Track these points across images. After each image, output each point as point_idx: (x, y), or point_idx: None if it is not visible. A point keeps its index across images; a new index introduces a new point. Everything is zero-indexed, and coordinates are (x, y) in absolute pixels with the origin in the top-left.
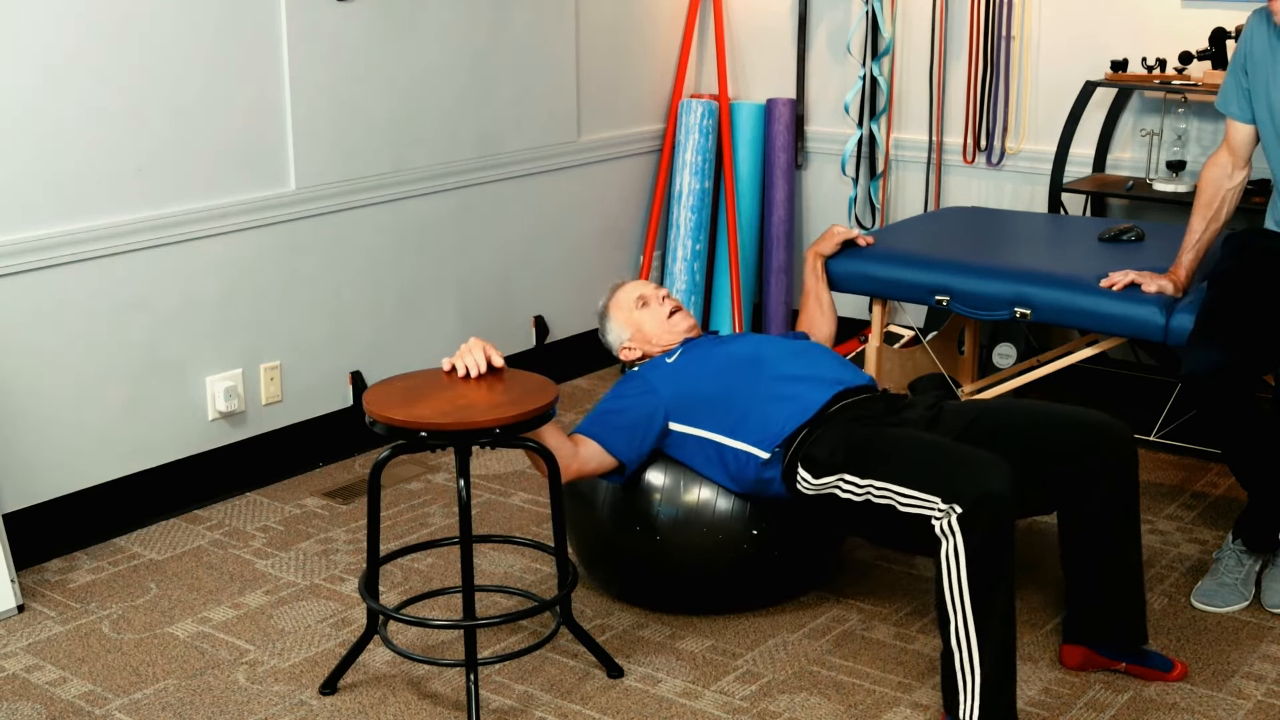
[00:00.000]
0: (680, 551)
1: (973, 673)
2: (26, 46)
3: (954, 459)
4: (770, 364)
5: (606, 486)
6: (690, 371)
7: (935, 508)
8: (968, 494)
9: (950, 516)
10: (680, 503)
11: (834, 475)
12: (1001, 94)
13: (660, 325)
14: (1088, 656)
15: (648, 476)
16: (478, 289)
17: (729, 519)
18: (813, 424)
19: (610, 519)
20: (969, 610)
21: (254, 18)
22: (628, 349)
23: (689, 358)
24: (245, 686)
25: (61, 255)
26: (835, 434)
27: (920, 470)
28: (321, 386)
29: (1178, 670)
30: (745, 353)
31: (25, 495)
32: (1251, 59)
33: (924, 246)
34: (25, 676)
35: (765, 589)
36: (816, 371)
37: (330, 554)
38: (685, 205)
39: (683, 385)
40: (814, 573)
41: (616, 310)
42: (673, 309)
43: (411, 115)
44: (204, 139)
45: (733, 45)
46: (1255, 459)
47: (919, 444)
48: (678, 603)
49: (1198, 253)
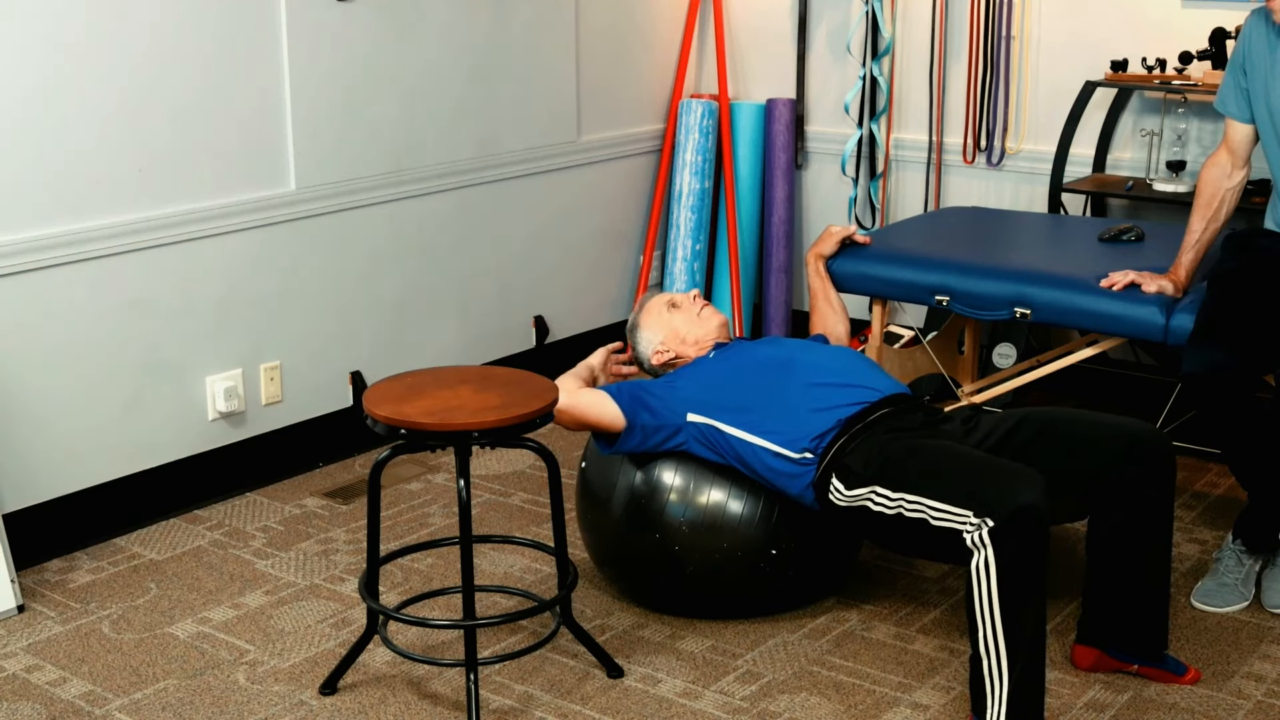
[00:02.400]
0: (696, 562)
1: (1000, 681)
2: (27, 46)
3: (986, 473)
4: (803, 366)
5: (623, 487)
6: (722, 372)
7: (968, 522)
8: (1000, 509)
9: (983, 529)
10: (699, 509)
11: (867, 488)
12: (1001, 94)
13: (692, 322)
14: (1100, 658)
15: (665, 479)
16: (478, 289)
17: (750, 534)
18: (849, 433)
19: (624, 520)
20: (999, 622)
21: (254, 18)
22: (660, 351)
23: (721, 358)
24: (245, 686)
25: (61, 255)
26: (871, 445)
27: (953, 485)
28: (321, 386)
29: (1190, 675)
30: (778, 354)
31: (25, 495)
32: (1250, 59)
33: (924, 246)
34: (25, 676)
35: (777, 602)
36: (850, 377)
37: (330, 554)
38: (685, 205)
39: (713, 385)
40: (827, 587)
41: (647, 316)
42: (703, 306)
43: (411, 115)
44: (204, 139)
45: (733, 45)
46: (1255, 459)
47: (952, 457)
48: (684, 607)
49: (1197, 253)
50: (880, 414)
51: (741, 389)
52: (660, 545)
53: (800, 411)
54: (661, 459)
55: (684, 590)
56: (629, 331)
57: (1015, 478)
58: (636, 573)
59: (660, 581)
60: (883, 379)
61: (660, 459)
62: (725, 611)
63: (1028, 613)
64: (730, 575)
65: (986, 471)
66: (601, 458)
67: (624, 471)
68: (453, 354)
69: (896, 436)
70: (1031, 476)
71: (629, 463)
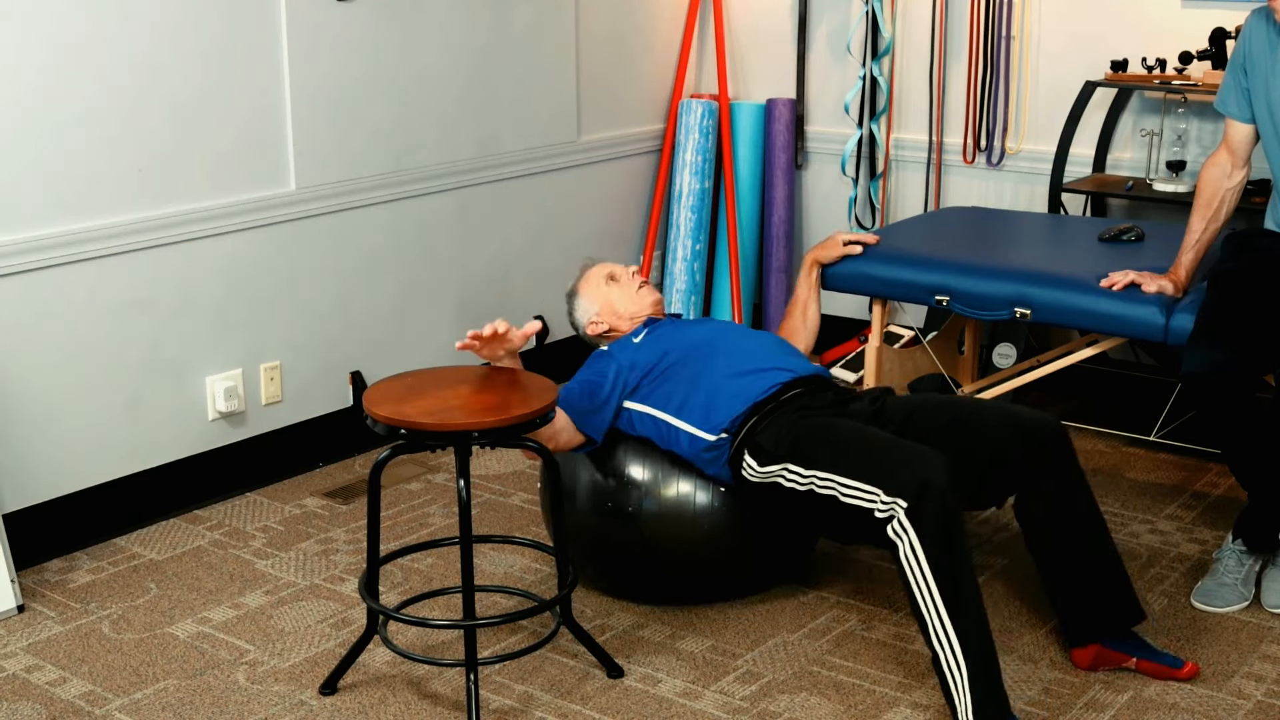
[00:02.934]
0: (663, 541)
1: (961, 672)
2: (27, 46)
3: (892, 452)
4: (725, 351)
5: (588, 480)
6: (650, 351)
7: (877, 500)
8: (909, 486)
9: (897, 514)
10: (661, 496)
11: (779, 464)
12: (1001, 94)
13: (628, 298)
14: (1098, 654)
15: (630, 470)
16: (478, 289)
17: (711, 512)
18: (761, 413)
19: (591, 509)
20: (941, 608)
21: (254, 18)
22: (595, 323)
23: (651, 338)
24: (245, 686)
25: (61, 255)
26: (782, 424)
27: (861, 462)
28: (321, 386)
29: (1187, 669)
30: (703, 338)
31: (25, 495)
32: (1250, 58)
33: (924, 246)
34: (25, 677)
35: (750, 580)
36: (768, 361)
37: (330, 554)
38: (685, 205)
39: (641, 364)
40: (795, 562)
41: (586, 286)
42: (641, 283)
43: (411, 115)
44: (204, 139)
45: (733, 45)
46: (1255, 459)
47: (860, 437)
48: (658, 593)
49: (1197, 253)
50: (792, 394)
51: (664, 375)
52: (624, 528)
53: (718, 397)
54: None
55: (648, 566)
56: (567, 297)
57: (920, 458)
58: (607, 561)
59: (628, 563)
60: (799, 361)
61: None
62: (699, 593)
63: (962, 586)
64: (695, 550)
65: (893, 451)
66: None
67: (582, 461)
68: (452, 354)
69: (806, 415)
70: (935, 456)
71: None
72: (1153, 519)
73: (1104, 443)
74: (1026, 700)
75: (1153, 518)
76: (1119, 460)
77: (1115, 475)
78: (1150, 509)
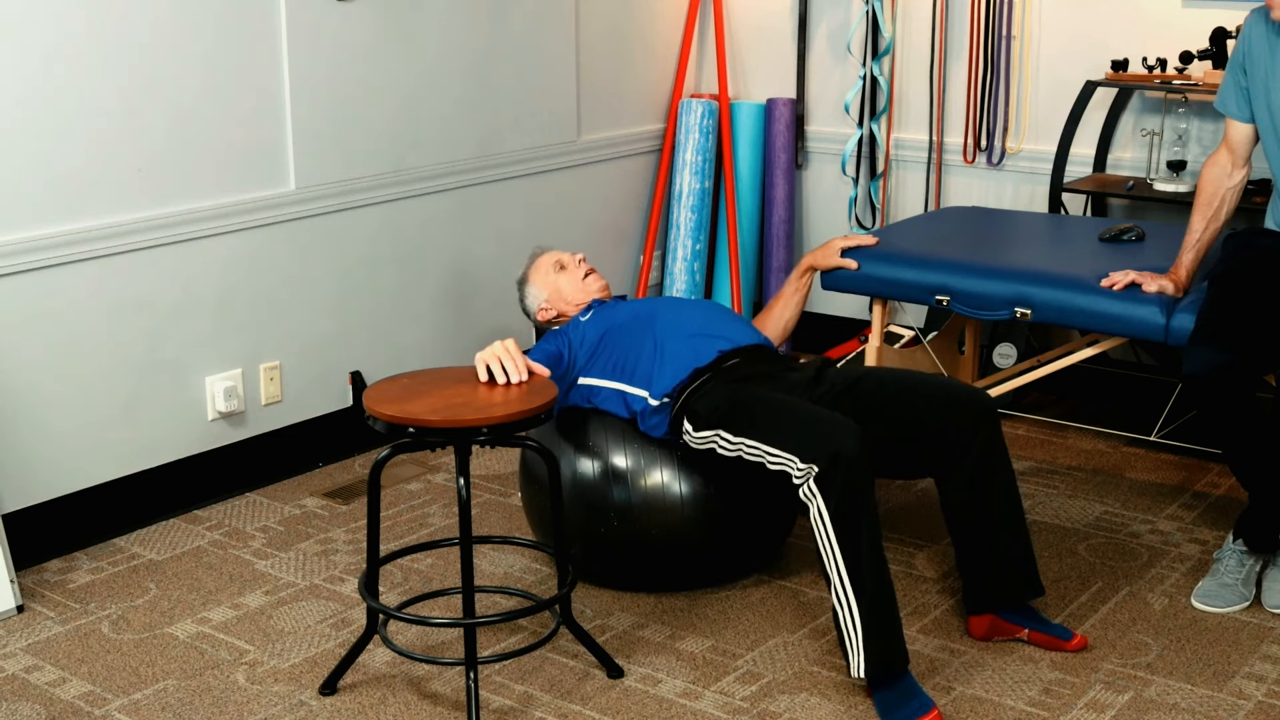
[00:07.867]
0: (642, 531)
1: (855, 625)
2: (27, 46)
3: (811, 421)
4: (666, 320)
5: (569, 473)
6: (595, 326)
7: (795, 466)
8: (821, 454)
9: (809, 479)
10: (639, 487)
11: (712, 431)
12: (1002, 94)
13: (575, 285)
14: (993, 624)
15: (613, 461)
16: (478, 289)
17: (689, 499)
18: (700, 379)
19: (574, 502)
20: (842, 565)
21: (254, 18)
22: (544, 309)
23: (597, 316)
24: (245, 687)
25: (61, 255)
26: (717, 392)
27: (783, 431)
28: (321, 386)
29: (1076, 640)
30: (645, 308)
31: (25, 495)
32: (1250, 58)
33: (924, 246)
34: (25, 677)
35: (726, 563)
36: (709, 328)
37: (330, 554)
38: (685, 205)
39: (590, 338)
40: (770, 548)
41: (535, 274)
42: (587, 271)
43: (411, 115)
44: (204, 139)
45: (733, 45)
46: (1256, 459)
47: (784, 407)
48: (645, 580)
49: (1198, 253)
50: (731, 363)
51: (610, 345)
52: (604, 520)
53: (661, 362)
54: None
55: (629, 554)
56: (518, 284)
57: (834, 427)
58: (590, 550)
59: (610, 553)
60: (741, 330)
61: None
62: (679, 577)
63: (863, 552)
64: (673, 535)
65: (811, 421)
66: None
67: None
68: (452, 354)
69: (741, 385)
70: (848, 426)
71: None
72: (1153, 519)
73: (1104, 443)
74: (1027, 700)
75: (1153, 518)
76: (1119, 460)
77: (1116, 475)
78: (1151, 509)
